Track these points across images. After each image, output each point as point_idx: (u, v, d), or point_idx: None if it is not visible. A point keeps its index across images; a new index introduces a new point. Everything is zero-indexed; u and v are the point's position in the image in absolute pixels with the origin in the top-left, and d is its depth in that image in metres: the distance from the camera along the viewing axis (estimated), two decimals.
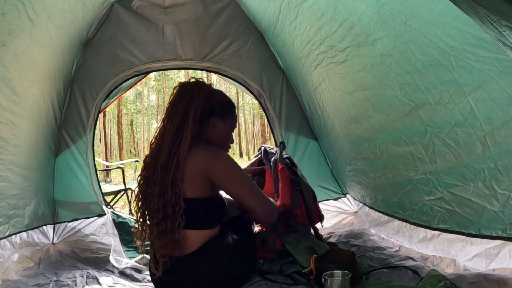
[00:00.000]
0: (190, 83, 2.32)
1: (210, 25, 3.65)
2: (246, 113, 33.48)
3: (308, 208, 2.63)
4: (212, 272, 2.19)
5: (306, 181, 2.70)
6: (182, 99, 2.25)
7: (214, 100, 2.31)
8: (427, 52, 1.87)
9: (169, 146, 2.15)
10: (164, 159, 2.14)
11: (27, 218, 2.87)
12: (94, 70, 3.54)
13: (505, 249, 1.95)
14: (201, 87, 2.30)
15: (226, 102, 2.38)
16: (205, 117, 2.27)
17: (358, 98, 2.68)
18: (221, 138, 2.40)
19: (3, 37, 2.11)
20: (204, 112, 2.25)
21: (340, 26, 2.42)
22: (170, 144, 2.15)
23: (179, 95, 2.27)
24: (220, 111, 2.33)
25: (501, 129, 1.72)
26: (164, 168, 2.13)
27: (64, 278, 2.55)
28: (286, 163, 2.70)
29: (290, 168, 2.66)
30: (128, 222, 3.41)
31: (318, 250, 2.41)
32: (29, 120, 2.76)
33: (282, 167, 2.67)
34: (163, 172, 2.12)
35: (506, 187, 1.82)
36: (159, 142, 2.22)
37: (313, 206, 2.66)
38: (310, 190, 2.66)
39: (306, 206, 2.63)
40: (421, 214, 2.53)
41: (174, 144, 2.15)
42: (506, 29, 1.15)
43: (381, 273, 2.32)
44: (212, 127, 2.31)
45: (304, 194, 2.61)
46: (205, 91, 2.29)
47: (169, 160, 2.13)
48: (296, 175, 2.65)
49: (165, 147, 2.16)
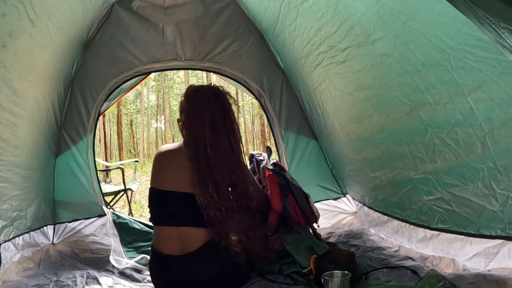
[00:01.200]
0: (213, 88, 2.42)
1: (210, 26, 3.66)
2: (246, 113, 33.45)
3: (302, 210, 2.64)
4: (212, 271, 2.20)
5: (297, 183, 2.71)
6: (219, 105, 2.33)
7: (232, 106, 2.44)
8: (426, 52, 1.88)
9: (230, 153, 2.29)
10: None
11: (30, 220, 2.88)
12: (94, 70, 3.54)
13: (504, 248, 1.95)
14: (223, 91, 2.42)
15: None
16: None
17: (358, 98, 2.69)
18: None
19: (3, 38, 2.11)
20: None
21: (340, 26, 2.42)
22: (231, 151, 2.29)
23: (214, 100, 2.33)
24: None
25: (500, 129, 1.73)
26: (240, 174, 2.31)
27: (64, 279, 2.56)
28: (273, 169, 2.71)
29: (278, 173, 2.68)
30: (128, 223, 3.41)
31: (317, 250, 2.42)
32: (30, 121, 2.77)
33: (269, 174, 2.68)
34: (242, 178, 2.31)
35: (506, 186, 1.82)
36: (210, 150, 2.25)
37: (308, 207, 2.66)
38: (302, 192, 2.67)
39: (299, 207, 2.63)
40: (420, 214, 2.53)
41: (233, 148, 2.31)
42: (505, 31, 1.15)
43: (380, 273, 2.32)
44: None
45: (295, 197, 2.62)
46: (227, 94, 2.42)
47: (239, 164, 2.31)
48: (285, 179, 2.66)
49: (227, 156, 2.27)
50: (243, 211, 2.24)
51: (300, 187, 2.70)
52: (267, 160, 2.83)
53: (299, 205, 2.63)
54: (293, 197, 2.63)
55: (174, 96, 32.12)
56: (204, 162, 2.21)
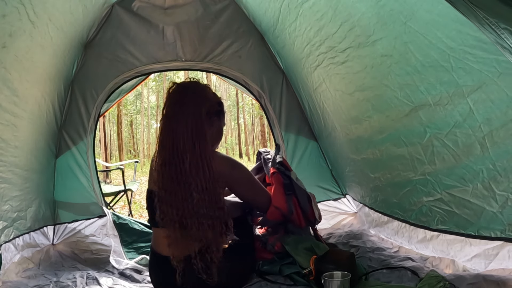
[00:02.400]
0: (191, 83, 2.35)
1: (210, 26, 3.66)
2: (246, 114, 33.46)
3: (304, 211, 2.64)
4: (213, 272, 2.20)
5: (301, 184, 2.71)
6: (189, 99, 2.25)
7: (215, 101, 2.37)
8: (426, 53, 1.88)
9: (190, 149, 2.15)
10: (189, 162, 2.14)
11: (30, 220, 2.88)
12: (94, 71, 3.54)
13: (504, 249, 1.95)
14: (203, 88, 2.34)
15: (221, 102, 2.45)
16: (209, 117, 2.29)
17: (358, 98, 2.69)
18: (217, 136, 2.45)
19: (4, 38, 2.11)
20: (209, 112, 2.28)
21: (340, 27, 2.43)
22: (191, 146, 2.15)
23: (184, 95, 2.27)
24: (219, 111, 2.39)
25: (500, 130, 1.73)
26: (195, 172, 2.14)
27: (64, 279, 2.56)
28: (279, 168, 2.71)
29: (283, 172, 2.67)
30: (128, 223, 3.41)
31: (317, 251, 2.42)
32: (30, 122, 2.77)
33: (273, 172, 2.68)
34: (195, 177, 2.14)
35: (505, 188, 1.83)
36: (172, 142, 2.19)
37: (309, 208, 2.66)
38: (305, 193, 2.66)
39: (301, 209, 2.63)
40: (420, 215, 2.53)
41: (196, 146, 2.16)
42: (504, 32, 1.15)
43: (380, 274, 2.32)
44: (211, 125, 2.32)
45: (298, 198, 2.61)
46: (208, 91, 2.35)
47: (198, 161, 2.15)
48: (289, 179, 2.66)
49: (187, 149, 2.15)
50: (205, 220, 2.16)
51: (304, 188, 2.70)
52: (274, 158, 2.82)
53: (300, 205, 2.63)
54: (295, 198, 2.63)
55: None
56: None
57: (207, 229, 2.13)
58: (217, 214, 2.14)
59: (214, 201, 2.14)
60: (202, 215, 2.12)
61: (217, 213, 2.14)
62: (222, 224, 2.16)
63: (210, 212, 2.13)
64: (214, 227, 2.14)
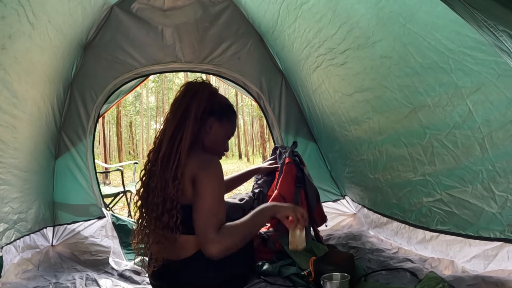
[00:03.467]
0: (196, 82, 2.30)
1: (209, 28, 3.66)
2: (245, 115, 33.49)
3: (310, 207, 2.64)
4: (211, 274, 2.19)
5: (312, 181, 2.72)
6: (186, 96, 2.22)
7: (215, 101, 2.28)
8: (426, 54, 1.88)
9: (170, 139, 2.12)
10: (164, 151, 2.11)
11: (30, 222, 2.88)
12: (93, 72, 3.54)
13: (503, 250, 1.96)
14: (205, 86, 2.28)
15: (227, 106, 2.34)
16: (204, 116, 2.22)
17: (358, 99, 2.69)
18: (216, 142, 2.32)
19: (3, 40, 2.11)
20: (204, 110, 2.21)
21: (339, 28, 2.43)
22: (171, 137, 2.12)
23: (184, 92, 2.25)
24: (219, 113, 2.29)
25: (499, 131, 1.73)
26: (165, 160, 2.10)
27: (63, 281, 2.56)
28: (294, 159, 2.71)
29: (297, 164, 2.68)
30: (128, 225, 3.41)
31: (317, 252, 2.42)
32: (29, 123, 2.77)
33: (288, 161, 2.68)
34: (164, 164, 2.09)
35: (504, 189, 1.83)
36: (161, 136, 2.19)
37: (316, 206, 2.66)
38: (314, 190, 2.67)
39: (308, 205, 2.63)
40: (420, 216, 2.54)
41: (176, 137, 2.12)
42: (503, 34, 1.15)
43: (379, 275, 2.32)
44: (209, 128, 2.25)
45: (308, 193, 2.62)
46: (209, 90, 2.27)
47: (171, 153, 2.09)
48: (302, 172, 2.67)
49: (166, 140, 2.13)
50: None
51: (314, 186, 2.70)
52: (290, 150, 2.83)
53: (308, 201, 2.63)
54: (304, 192, 2.63)
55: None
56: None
57: (153, 219, 2.10)
58: (167, 206, 2.05)
59: (168, 193, 2.04)
60: (155, 203, 2.09)
61: (167, 206, 2.05)
62: (169, 219, 2.04)
63: (163, 202, 2.06)
64: (160, 218, 2.06)
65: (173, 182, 2.05)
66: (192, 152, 2.13)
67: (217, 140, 2.31)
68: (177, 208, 2.04)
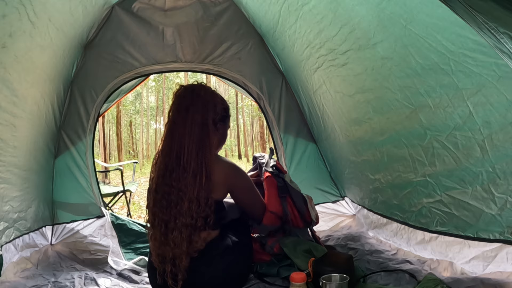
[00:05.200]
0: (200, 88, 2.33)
1: (210, 28, 3.67)
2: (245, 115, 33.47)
3: (300, 212, 2.64)
4: (212, 274, 2.20)
5: (296, 186, 2.72)
6: (196, 106, 2.24)
7: (223, 107, 2.38)
8: (426, 56, 1.88)
9: (195, 157, 2.16)
10: (193, 172, 2.15)
11: (30, 220, 2.88)
12: (94, 72, 3.55)
13: (502, 252, 1.96)
14: (212, 93, 2.34)
15: (228, 108, 2.45)
16: (215, 123, 2.33)
17: (359, 100, 2.69)
18: (222, 140, 2.46)
19: (3, 39, 2.12)
20: (216, 120, 2.32)
21: (340, 29, 2.43)
22: (196, 154, 2.16)
23: (191, 100, 2.26)
24: (224, 117, 2.41)
25: (499, 133, 1.73)
26: (192, 180, 2.14)
27: (62, 279, 2.56)
28: (272, 171, 2.72)
29: (276, 175, 2.68)
30: (127, 224, 3.41)
31: (316, 253, 2.42)
32: (29, 122, 2.77)
33: (267, 176, 2.69)
34: (191, 185, 2.14)
35: (504, 190, 1.83)
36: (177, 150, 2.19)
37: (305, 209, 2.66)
38: (300, 195, 2.67)
39: (297, 209, 2.64)
40: (420, 217, 2.53)
41: (200, 154, 2.17)
42: (504, 36, 1.15)
43: (378, 276, 2.33)
44: (216, 131, 2.36)
45: (293, 199, 2.62)
46: (217, 98, 2.35)
47: (197, 172, 2.15)
48: (283, 181, 2.67)
49: (191, 158, 2.16)
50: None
51: (299, 190, 2.70)
52: (267, 162, 2.83)
53: (296, 207, 2.64)
54: (291, 199, 2.64)
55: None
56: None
57: (183, 239, 2.13)
58: (199, 223, 2.14)
59: (201, 211, 2.14)
60: (185, 225, 2.13)
61: (199, 223, 2.14)
62: (197, 234, 2.16)
63: (193, 221, 2.13)
64: (189, 236, 2.14)
65: (205, 202, 2.15)
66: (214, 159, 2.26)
67: (222, 138, 2.46)
68: (211, 224, 2.18)
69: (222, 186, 2.27)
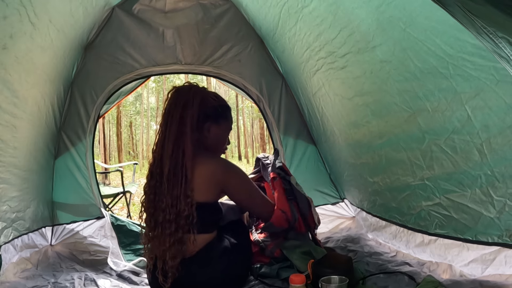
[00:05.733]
0: (184, 88, 2.31)
1: (210, 30, 3.67)
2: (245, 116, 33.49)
3: (304, 216, 2.64)
4: (210, 275, 2.20)
5: (301, 189, 2.71)
6: (177, 107, 2.23)
7: (208, 106, 2.31)
8: (425, 59, 1.89)
9: (172, 156, 2.16)
10: (169, 170, 2.15)
11: (28, 221, 2.89)
12: (94, 73, 3.55)
13: (501, 255, 1.96)
14: (195, 92, 2.28)
15: (220, 107, 2.38)
16: (200, 123, 2.27)
17: (358, 103, 2.70)
18: (217, 142, 2.41)
19: (4, 40, 2.12)
20: (199, 118, 2.26)
21: (339, 32, 2.44)
22: (173, 154, 2.16)
23: (174, 102, 2.25)
24: (215, 116, 2.34)
25: (498, 137, 1.74)
26: (172, 178, 2.14)
27: (62, 280, 2.56)
28: (279, 173, 2.71)
29: (283, 177, 2.67)
30: (127, 225, 3.41)
31: (315, 254, 2.42)
32: (29, 123, 2.77)
33: (274, 177, 2.68)
34: (171, 182, 2.14)
35: (503, 194, 1.83)
36: (160, 151, 2.22)
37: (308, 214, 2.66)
38: (305, 198, 2.67)
39: (301, 214, 2.64)
40: (419, 219, 2.54)
41: (177, 154, 2.16)
42: (502, 41, 1.16)
43: (377, 278, 2.33)
44: (207, 132, 2.32)
45: (298, 203, 2.62)
46: (199, 96, 2.28)
47: (176, 171, 2.14)
48: (289, 184, 2.66)
49: (167, 157, 2.16)
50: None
51: (304, 193, 2.70)
52: (273, 163, 2.82)
53: (301, 211, 2.64)
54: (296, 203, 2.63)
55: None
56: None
57: (167, 235, 2.13)
58: (182, 223, 2.13)
59: (181, 210, 2.12)
60: (168, 221, 2.13)
61: (181, 222, 2.13)
62: (183, 234, 2.14)
63: (177, 219, 2.13)
64: (174, 235, 2.13)
65: (185, 200, 2.12)
66: (198, 157, 2.20)
67: (218, 140, 2.40)
68: (193, 222, 2.13)
69: (209, 186, 2.22)
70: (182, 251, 2.15)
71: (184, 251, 2.16)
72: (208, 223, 2.27)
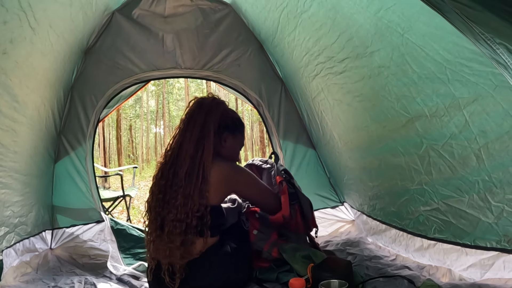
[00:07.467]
0: (208, 98, 2.46)
1: (209, 34, 3.68)
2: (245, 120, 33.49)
3: (306, 219, 2.65)
4: (210, 279, 2.21)
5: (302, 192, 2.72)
6: (201, 112, 2.37)
7: (228, 117, 2.46)
8: (423, 65, 1.90)
9: (192, 155, 2.24)
10: (187, 168, 2.22)
11: (30, 225, 2.89)
12: (94, 77, 3.56)
13: (499, 260, 1.97)
14: (218, 102, 2.45)
15: (238, 120, 2.53)
16: (220, 131, 2.40)
17: (356, 108, 2.71)
18: (231, 154, 2.52)
19: (4, 45, 2.13)
20: (220, 126, 2.39)
21: (338, 37, 2.45)
22: (193, 153, 2.25)
23: (197, 109, 2.39)
24: (232, 127, 2.48)
25: (495, 142, 1.75)
26: (188, 178, 2.20)
27: (62, 284, 2.56)
28: (285, 176, 2.71)
29: (288, 181, 2.68)
30: (126, 229, 3.41)
31: (315, 258, 2.42)
32: (29, 127, 2.78)
33: (280, 181, 2.68)
34: (186, 181, 2.20)
35: (500, 199, 1.84)
36: (177, 151, 2.30)
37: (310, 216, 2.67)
38: (308, 201, 2.68)
39: (304, 216, 2.64)
40: (417, 224, 2.54)
41: (196, 153, 2.25)
42: (500, 47, 1.17)
43: (377, 282, 2.33)
44: (223, 141, 2.44)
45: (302, 206, 2.63)
46: (222, 107, 2.45)
47: (192, 171, 2.21)
48: (294, 187, 2.67)
49: (187, 156, 2.24)
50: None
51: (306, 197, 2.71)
52: (276, 167, 2.83)
53: (303, 214, 2.64)
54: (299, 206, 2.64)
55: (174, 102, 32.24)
56: None
57: (177, 235, 2.17)
58: (194, 223, 2.16)
59: (195, 209, 2.17)
60: (178, 220, 2.16)
61: (194, 222, 2.16)
62: (193, 235, 2.19)
63: (188, 219, 2.16)
64: (185, 234, 2.17)
65: (199, 200, 2.18)
66: (214, 160, 2.29)
67: (232, 151, 2.53)
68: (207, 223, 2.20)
69: (221, 188, 2.31)
70: (190, 252, 2.19)
71: (192, 251, 2.20)
72: (215, 226, 2.29)
